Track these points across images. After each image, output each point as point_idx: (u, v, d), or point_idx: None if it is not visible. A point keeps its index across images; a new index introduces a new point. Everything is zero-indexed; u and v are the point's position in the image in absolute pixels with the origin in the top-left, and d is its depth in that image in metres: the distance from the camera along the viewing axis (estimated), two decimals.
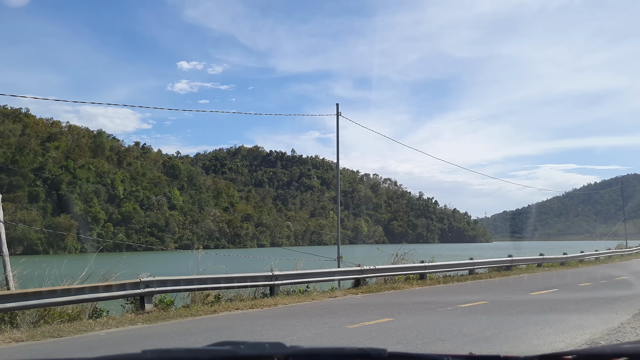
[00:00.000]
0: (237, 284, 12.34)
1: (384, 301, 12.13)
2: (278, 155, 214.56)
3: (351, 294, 13.88)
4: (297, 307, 11.27)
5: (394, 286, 15.68)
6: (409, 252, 19.98)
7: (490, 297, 12.32)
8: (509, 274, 21.11)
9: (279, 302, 11.98)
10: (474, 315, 9.45)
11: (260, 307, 11.29)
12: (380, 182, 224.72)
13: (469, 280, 18.32)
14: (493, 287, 15.67)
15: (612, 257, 35.47)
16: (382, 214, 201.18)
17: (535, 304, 11.15)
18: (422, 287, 15.83)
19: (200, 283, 11.70)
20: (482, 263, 21.46)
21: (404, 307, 10.70)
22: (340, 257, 16.90)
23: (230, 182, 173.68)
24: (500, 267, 22.76)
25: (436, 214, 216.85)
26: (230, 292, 12.96)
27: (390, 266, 17.34)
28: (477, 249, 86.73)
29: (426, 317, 9.36)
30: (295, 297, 12.82)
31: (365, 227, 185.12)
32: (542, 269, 24.74)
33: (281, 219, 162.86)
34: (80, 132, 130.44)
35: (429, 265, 18.61)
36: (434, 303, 11.40)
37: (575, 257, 29.69)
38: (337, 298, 13.03)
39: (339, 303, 11.97)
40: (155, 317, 9.88)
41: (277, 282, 13.27)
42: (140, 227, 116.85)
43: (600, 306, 10.41)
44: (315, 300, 12.48)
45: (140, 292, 10.59)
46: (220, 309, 10.92)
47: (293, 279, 13.83)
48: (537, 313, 9.59)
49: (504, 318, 9.00)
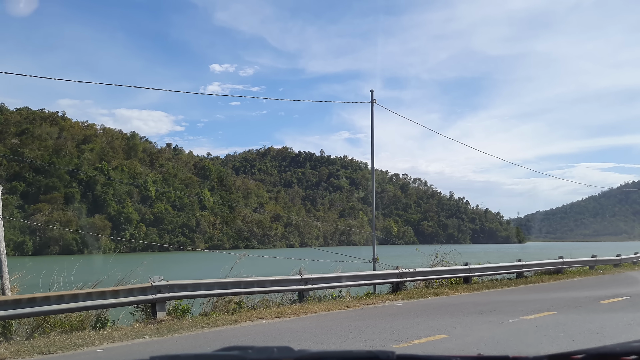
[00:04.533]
0: (260, 289, 10.93)
1: (430, 310, 10.52)
2: (307, 156, 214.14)
3: (390, 300, 12.31)
4: (330, 317, 9.78)
5: (437, 291, 14.02)
6: (449, 253, 18.26)
7: (556, 307, 10.55)
8: (561, 278, 19.15)
9: (309, 309, 10.51)
10: (546, 331, 7.78)
11: (287, 315, 9.85)
12: (410, 182, 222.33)
13: (519, 285, 16.48)
14: (552, 294, 13.83)
15: None
16: (412, 214, 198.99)
17: (610, 315, 9.38)
18: (469, 293, 14.12)
19: (220, 288, 10.35)
20: (531, 265, 19.53)
21: (457, 319, 9.09)
22: (376, 259, 15.32)
23: (260, 183, 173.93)
24: (549, 270, 20.78)
25: (467, 214, 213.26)
26: (256, 298, 11.60)
27: (431, 269, 15.68)
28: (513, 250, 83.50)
29: (487, 332, 7.74)
30: (327, 304, 11.33)
31: (395, 228, 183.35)
32: (595, 272, 22.63)
33: (310, 219, 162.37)
34: (114, 134, 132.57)
35: (474, 267, 16.84)
36: (490, 313, 9.73)
37: (629, 258, 27.36)
38: (375, 305, 11.48)
39: (378, 312, 10.43)
40: (166, 327, 8.53)
41: (306, 286, 11.81)
42: (172, 227, 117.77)
43: None
44: (350, 308, 10.96)
45: (152, 299, 9.28)
46: (242, 317, 9.52)
47: (324, 282, 12.34)
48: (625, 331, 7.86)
49: (584, 337, 7.30)
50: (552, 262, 20.70)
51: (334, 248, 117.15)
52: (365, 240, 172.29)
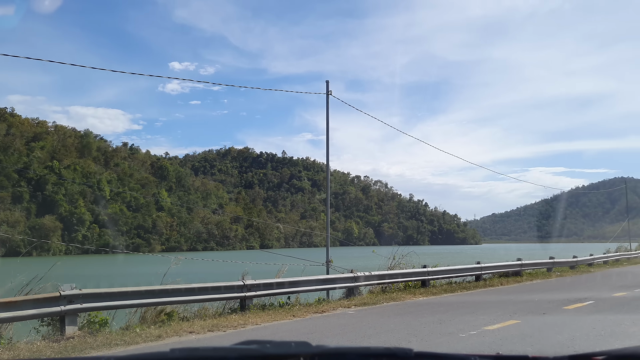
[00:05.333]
0: (193, 297, 9.64)
1: (385, 320, 9.49)
2: (269, 157, 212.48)
3: (342, 307, 11.23)
4: (271, 330, 8.59)
5: (393, 296, 13.05)
6: (407, 255, 17.41)
7: (520, 315, 9.73)
8: (521, 280, 18.59)
9: (250, 320, 9.30)
10: (512, 344, 6.86)
11: (222, 328, 8.60)
12: (371, 184, 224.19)
13: (479, 288, 15.73)
14: (513, 298, 13.08)
15: (620, 260, 33.25)
16: (373, 216, 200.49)
17: (578, 324, 8.60)
18: (426, 298, 13.22)
19: (147, 296, 9.02)
20: (490, 268, 18.90)
21: (413, 330, 8.08)
22: (330, 261, 14.26)
23: (220, 184, 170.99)
24: (508, 273, 20.26)
25: (426, 216, 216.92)
26: (194, 307, 10.32)
27: (387, 272, 14.72)
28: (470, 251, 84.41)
29: (446, 346, 6.75)
30: (271, 313, 10.14)
31: (356, 229, 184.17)
32: (553, 274, 22.33)
33: (271, 220, 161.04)
34: (67, 132, 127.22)
35: (433, 270, 16.01)
36: (450, 323, 8.77)
37: (585, 260, 27.41)
38: (325, 314, 10.37)
39: (326, 322, 9.31)
40: (72, 346, 7.16)
41: (249, 293, 10.58)
42: (127, 228, 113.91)
43: None
44: (296, 318, 9.81)
45: (59, 311, 7.86)
46: (168, 332, 8.20)
47: (270, 289, 11.14)
48: (599, 338, 7.03)
49: (554, 350, 6.41)
50: (511, 264, 20.18)
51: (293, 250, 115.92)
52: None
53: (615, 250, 41.41)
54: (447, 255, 58.66)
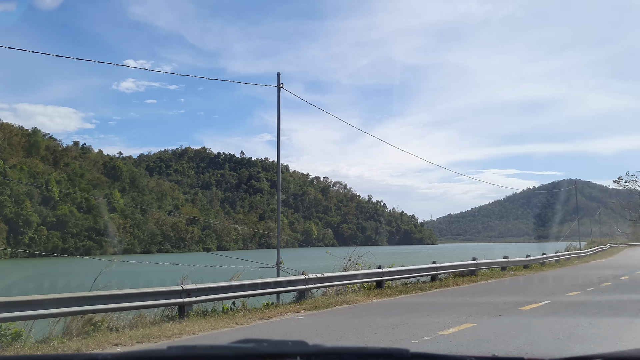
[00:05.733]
0: (124, 304, 8.71)
1: (334, 326, 8.82)
2: (227, 157, 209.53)
3: (291, 312, 10.52)
4: (209, 340, 7.78)
5: (346, 299, 12.44)
6: (363, 255, 16.91)
7: (475, 317, 9.28)
8: (476, 280, 18.38)
9: (186, 329, 8.45)
10: (468, 349, 6.34)
11: (154, 339, 7.73)
12: (331, 185, 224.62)
13: (434, 289, 15.34)
14: (469, 299, 12.70)
15: (570, 258, 33.96)
16: (332, 217, 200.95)
17: (535, 326, 8.22)
18: (381, 300, 12.67)
19: (72, 304, 8.04)
20: (445, 267, 18.62)
21: (363, 337, 7.46)
22: (281, 263, 13.52)
23: (176, 184, 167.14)
24: (463, 272, 20.09)
25: (384, 217, 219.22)
26: (129, 314, 9.38)
27: (342, 273, 14.11)
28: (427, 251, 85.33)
29: None
30: (212, 320, 9.31)
31: (315, 230, 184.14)
32: (508, 273, 22.35)
33: (229, 222, 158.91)
34: (13, 130, 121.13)
35: (388, 271, 15.51)
36: (403, 328, 8.20)
37: (538, 259, 27.74)
38: (271, 320, 9.62)
39: (271, 330, 8.57)
40: None
41: (189, 298, 9.71)
42: (77, 231, 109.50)
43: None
44: (239, 325, 9.03)
45: None
46: (91, 344, 7.27)
47: (212, 293, 10.29)
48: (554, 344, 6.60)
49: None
50: (466, 264, 19.99)
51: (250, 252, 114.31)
52: (286, 243, 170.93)
53: (566, 249, 42.49)
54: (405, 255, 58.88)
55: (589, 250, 42.93)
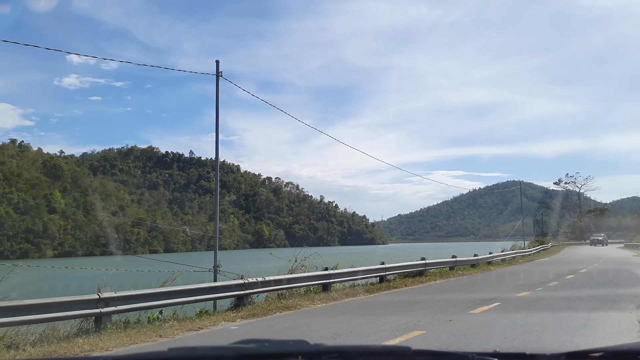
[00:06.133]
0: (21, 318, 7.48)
1: (270, 336, 7.92)
2: (175, 157, 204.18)
3: (226, 321, 9.54)
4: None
5: (289, 304, 11.56)
6: (311, 257, 16.12)
7: (424, 319, 8.62)
8: (424, 280, 17.94)
9: (100, 344, 7.32)
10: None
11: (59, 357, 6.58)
12: (283, 186, 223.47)
13: (382, 291, 14.71)
14: (418, 302, 12.10)
15: (515, 257, 34.46)
16: (284, 218, 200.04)
17: (487, 332, 7.63)
18: (325, 305, 11.87)
19: None
20: (394, 268, 18.08)
21: None
22: (218, 266, 12.48)
23: (121, 184, 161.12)
24: (412, 273, 19.66)
25: (336, 217, 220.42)
26: (39, 328, 8.14)
27: (285, 276, 13.22)
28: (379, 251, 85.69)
29: None
30: (132, 334, 8.20)
31: (267, 231, 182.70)
32: (456, 272, 22.15)
33: (177, 223, 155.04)
34: None
35: (335, 273, 14.76)
36: (347, 337, 7.40)
37: (485, 258, 27.84)
38: (202, 332, 8.61)
39: (199, 343, 7.58)
40: None
41: (107, 309, 8.56)
42: (13, 233, 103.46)
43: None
44: (163, 339, 7.97)
45: None
46: None
47: (135, 302, 9.17)
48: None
49: None
50: (415, 264, 19.56)
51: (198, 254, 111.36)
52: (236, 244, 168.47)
53: (511, 248, 43.30)
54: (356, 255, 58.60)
55: (532, 249, 43.95)
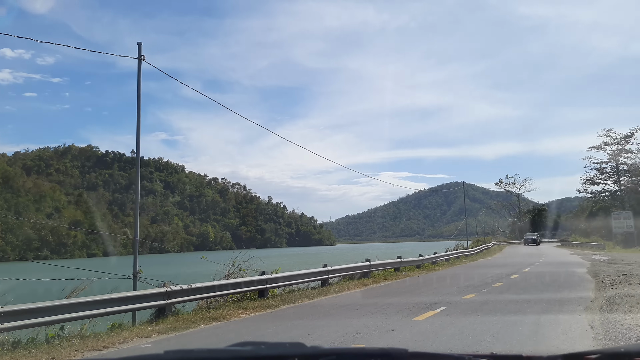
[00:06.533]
0: None
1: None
2: (116, 157, 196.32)
3: (140, 337, 8.26)
4: None
5: (217, 314, 10.38)
6: (250, 260, 14.98)
7: (364, 329, 7.71)
8: (368, 283, 17.18)
9: None
10: None
11: None
12: (229, 187, 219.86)
13: (324, 296, 13.76)
14: (358, 309, 11.22)
15: (459, 257, 34.58)
16: (231, 219, 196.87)
17: (433, 344, 6.81)
18: (259, 313, 10.76)
19: None
20: (337, 271, 17.21)
21: None
22: (139, 273, 11.12)
23: (57, 185, 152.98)
24: (356, 275, 18.90)
25: (284, 219, 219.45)
26: None
27: (217, 283, 11.99)
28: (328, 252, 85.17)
29: None
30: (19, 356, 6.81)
31: (212, 233, 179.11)
32: (401, 274, 21.60)
33: (117, 225, 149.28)
34: None
35: (272, 277, 13.67)
36: None
37: (429, 258, 27.58)
38: (107, 350, 7.31)
39: None
40: None
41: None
42: None
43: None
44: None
45: None
46: None
47: (29, 317, 7.72)
48: None
49: None
50: (359, 266, 18.80)
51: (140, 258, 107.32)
52: (180, 247, 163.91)
53: (454, 248, 43.72)
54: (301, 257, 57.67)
55: (475, 248, 44.51)
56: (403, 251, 45.58)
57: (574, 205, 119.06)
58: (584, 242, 59.61)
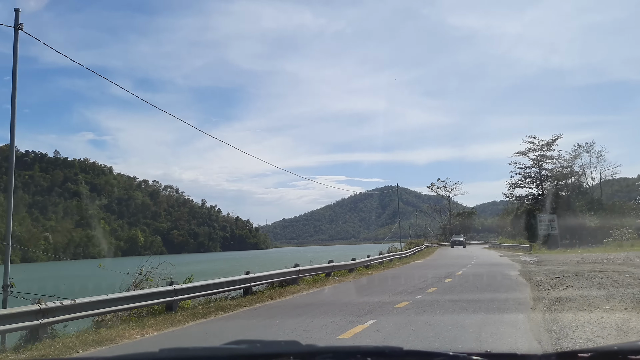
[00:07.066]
0: None
1: None
2: (37, 157, 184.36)
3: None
4: None
5: (106, 335, 8.58)
6: (159, 266, 13.22)
7: None
8: (296, 290, 15.79)
9: None
10: None
11: None
12: (161, 189, 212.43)
13: (243, 307, 12.19)
14: (280, 324, 9.78)
15: (392, 260, 34.03)
16: (162, 223, 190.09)
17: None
18: (158, 333, 9.04)
19: None
20: (262, 278, 15.67)
21: None
22: (10, 286, 9.10)
23: None
24: (284, 282, 17.46)
25: (219, 222, 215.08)
26: None
27: (109, 297, 10.12)
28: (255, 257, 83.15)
29: None
30: None
31: (142, 238, 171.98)
32: (332, 279, 20.38)
33: (38, 230, 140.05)
34: None
35: (183, 288, 11.92)
36: None
37: (362, 262, 26.60)
38: None
39: None
40: None
41: None
42: None
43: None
44: None
45: None
46: None
47: None
48: None
49: None
50: (286, 272, 17.34)
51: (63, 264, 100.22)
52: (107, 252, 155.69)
53: (388, 250, 43.29)
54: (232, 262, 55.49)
55: (408, 251, 44.36)
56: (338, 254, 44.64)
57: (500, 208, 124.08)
58: (510, 243, 61.48)
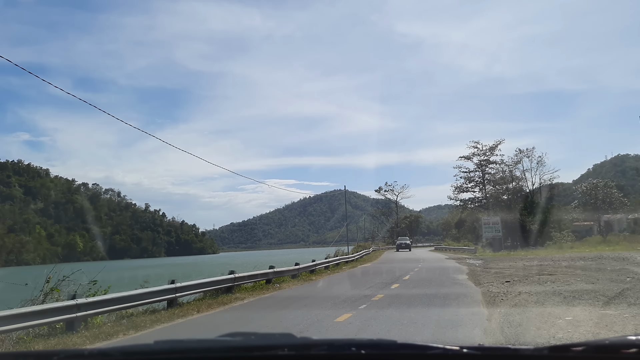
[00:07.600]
0: None
1: None
2: None
3: None
4: None
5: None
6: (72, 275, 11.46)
7: None
8: (230, 300, 14.26)
9: None
10: None
11: None
12: (102, 193, 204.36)
13: (163, 324, 10.52)
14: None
15: (339, 264, 32.91)
16: (103, 228, 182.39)
17: None
18: None
19: None
20: (190, 287, 13.99)
21: None
22: None
23: None
24: (218, 290, 15.88)
25: (163, 227, 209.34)
26: None
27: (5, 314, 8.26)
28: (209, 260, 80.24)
29: None
30: None
31: (81, 243, 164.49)
32: (272, 286, 18.92)
33: None
34: None
35: (89, 302, 10.11)
36: None
37: (307, 267, 25.30)
38: None
39: None
40: None
41: None
42: None
43: None
44: None
45: None
46: None
47: None
48: None
49: None
50: (220, 280, 15.74)
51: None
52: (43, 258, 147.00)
53: (334, 254, 42.27)
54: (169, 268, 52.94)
55: (356, 254, 43.50)
56: (286, 258, 43.19)
57: (445, 212, 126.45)
58: (456, 246, 62.06)
